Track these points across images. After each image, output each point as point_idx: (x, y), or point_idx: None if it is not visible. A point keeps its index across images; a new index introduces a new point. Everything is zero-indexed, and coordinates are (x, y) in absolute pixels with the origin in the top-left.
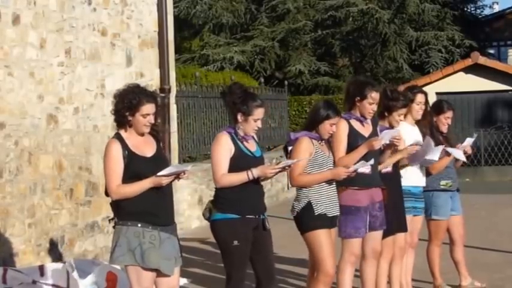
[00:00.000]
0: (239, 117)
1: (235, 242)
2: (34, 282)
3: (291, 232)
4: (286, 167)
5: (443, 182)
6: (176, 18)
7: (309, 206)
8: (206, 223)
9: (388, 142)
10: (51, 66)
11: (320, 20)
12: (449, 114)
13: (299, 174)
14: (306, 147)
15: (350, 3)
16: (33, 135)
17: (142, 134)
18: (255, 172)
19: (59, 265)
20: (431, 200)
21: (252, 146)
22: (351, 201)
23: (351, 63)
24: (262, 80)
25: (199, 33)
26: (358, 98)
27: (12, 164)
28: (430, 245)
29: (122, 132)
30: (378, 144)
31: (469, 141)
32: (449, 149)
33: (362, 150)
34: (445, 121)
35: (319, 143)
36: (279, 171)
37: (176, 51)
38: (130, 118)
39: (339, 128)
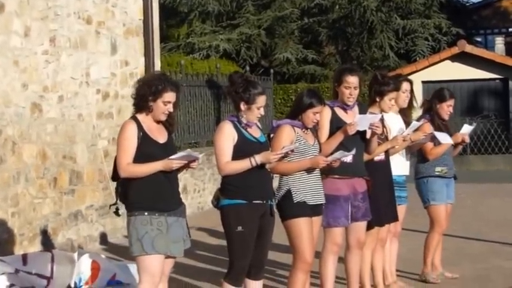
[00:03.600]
0: (242, 106)
1: (239, 228)
2: (17, 271)
3: (277, 220)
4: (289, 152)
5: (438, 169)
6: (162, 6)
7: (288, 193)
8: (191, 212)
9: (366, 129)
10: (36, 54)
11: (307, 8)
12: (451, 102)
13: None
14: (287, 135)
15: None
16: (17, 124)
17: (158, 122)
18: (258, 158)
19: (42, 254)
20: (426, 186)
21: (255, 132)
22: (330, 190)
23: (337, 51)
24: (248, 68)
25: (185, 21)
26: (336, 84)
27: None
28: (431, 232)
29: (139, 116)
30: (351, 129)
31: (467, 128)
32: (436, 133)
33: (338, 136)
34: (447, 109)
35: (303, 131)
36: (282, 157)
37: (162, 39)
38: (151, 104)
39: (322, 114)
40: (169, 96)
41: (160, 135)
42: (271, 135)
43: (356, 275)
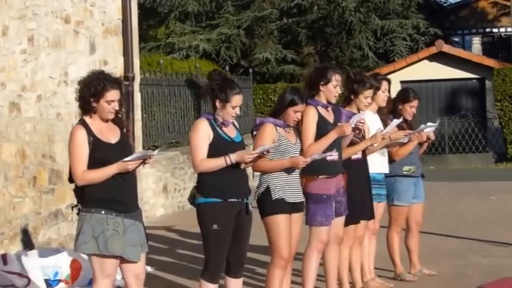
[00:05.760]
0: (217, 104)
1: (215, 226)
2: None
3: (257, 219)
4: (264, 152)
5: (406, 168)
6: (142, 6)
7: (267, 191)
8: (172, 211)
9: (353, 126)
10: (14, 53)
11: (286, 9)
12: (415, 103)
13: (260, 160)
14: (269, 133)
15: None
16: None
17: (106, 121)
18: (233, 157)
19: (22, 253)
20: (393, 185)
21: (231, 132)
22: (321, 190)
23: (316, 52)
24: (227, 68)
25: (165, 21)
26: (322, 82)
27: None
28: (390, 231)
29: (87, 119)
30: (348, 129)
31: (429, 127)
32: (423, 126)
33: (332, 136)
34: (410, 110)
35: (285, 130)
36: (257, 157)
37: (142, 40)
38: (95, 105)
39: (308, 115)
40: (112, 94)
41: (112, 135)
42: (254, 133)
43: (334, 271)
